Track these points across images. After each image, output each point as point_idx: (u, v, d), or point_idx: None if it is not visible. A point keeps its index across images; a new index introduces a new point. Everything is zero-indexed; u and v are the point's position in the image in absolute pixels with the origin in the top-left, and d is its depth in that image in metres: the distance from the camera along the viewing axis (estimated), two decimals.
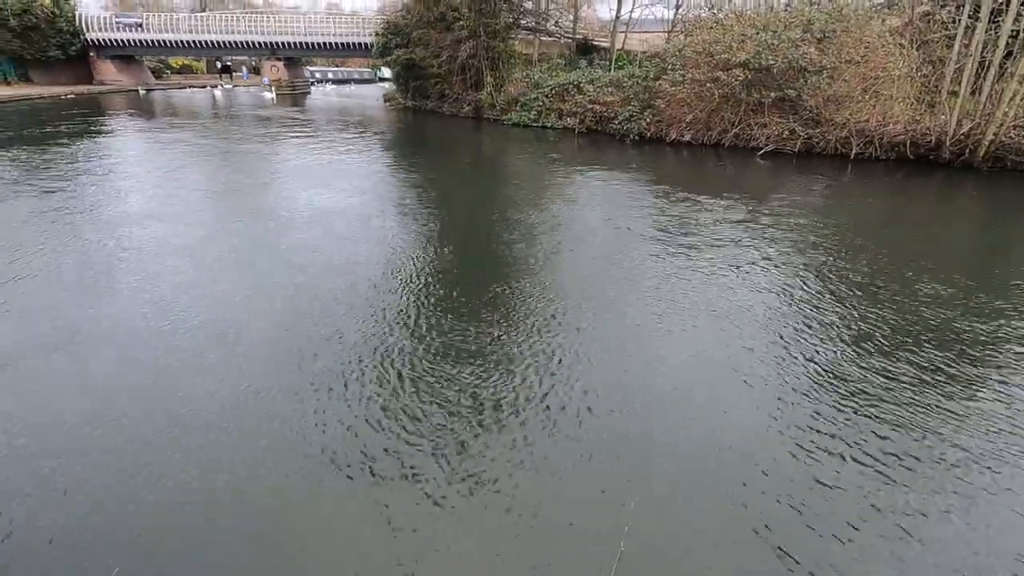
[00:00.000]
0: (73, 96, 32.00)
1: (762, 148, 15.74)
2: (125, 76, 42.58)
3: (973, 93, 13.58)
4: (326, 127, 21.57)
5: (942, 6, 14.87)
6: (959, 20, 13.88)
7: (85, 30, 39.53)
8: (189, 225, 7.83)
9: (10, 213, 8.14)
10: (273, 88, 40.21)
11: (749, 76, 15.63)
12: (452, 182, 12.22)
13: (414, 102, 30.28)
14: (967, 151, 13.29)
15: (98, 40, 40.39)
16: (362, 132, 20.14)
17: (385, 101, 35.50)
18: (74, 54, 38.76)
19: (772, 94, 15.65)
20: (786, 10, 18.81)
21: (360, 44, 40.29)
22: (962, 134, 13.32)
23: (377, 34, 30.79)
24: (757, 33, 16.00)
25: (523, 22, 26.07)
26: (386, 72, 42.78)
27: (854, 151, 14.66)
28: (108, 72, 41.62)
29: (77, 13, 39.41)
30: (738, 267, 6.58)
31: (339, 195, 9.97)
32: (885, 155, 14.44)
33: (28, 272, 5.98)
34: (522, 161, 15.45)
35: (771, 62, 15.20)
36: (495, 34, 23.70)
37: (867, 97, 14.83)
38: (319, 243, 7.18)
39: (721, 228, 8.21)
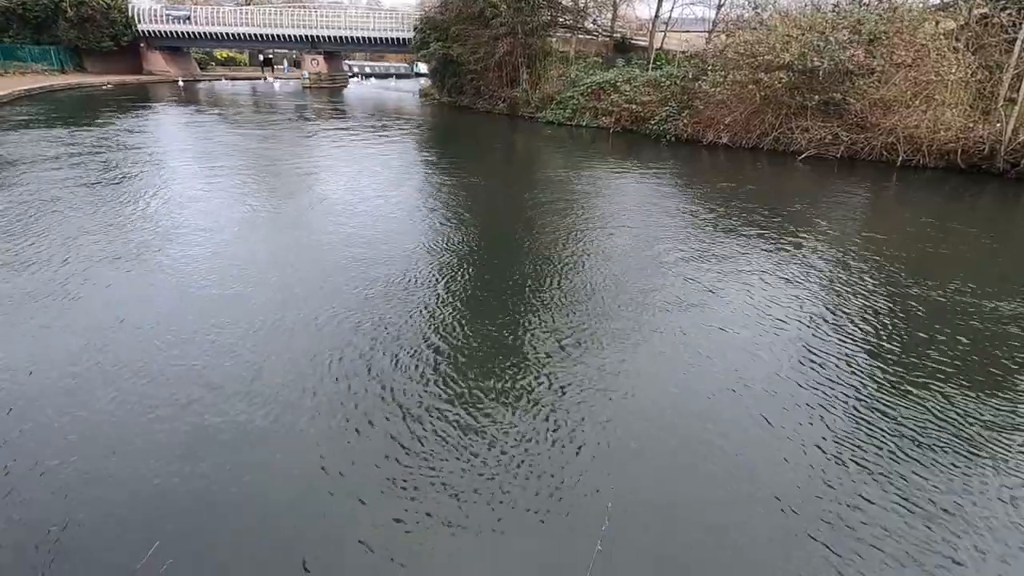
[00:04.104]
0: (111, 86, 33.27)
1: (803, 152, 15.32)
2: (172, 67, 44.08)
3: None
4: (368, 121, 21.88)
5: (1002, 9, 14.19)
6: (1020, 24, 13.26)
7: (137, 21, 41.05)
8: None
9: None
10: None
11: (793, 78, 15.22)
12: (484, 180, 12.25)
13: (449, 98, 30.48)
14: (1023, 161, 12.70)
15: (148, 31, 41.91)
16: (401, 126, 20.37)
17: (421, 96, 35.83)
18: (125, 44, 40.30)
19: (816, 97, 15.21)
20: (833, 11, 18.27)
21: (398, 39, 40.79)
22: (1019, 143, 12.72)
23: (416, 28, 31.12)
24: (802, 34, 15.56)
25: (561, 20, 25.93)
26: (422, 67, 43.24)
27: (900, 158, 14.15)
28: (157, 62, 43.17)
29: (130, 5, 40.95)
30: (790, 280, 6.44)
31: (377, 178, 10.13)
32: (934, 163, 13.89)
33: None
34: (557, 159, 15.39)
35: (816, 64, 14.77)
36: (532, 32, 23.63)
37: (917, 102, 14.28)
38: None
39: (766, 235, 8.04)
